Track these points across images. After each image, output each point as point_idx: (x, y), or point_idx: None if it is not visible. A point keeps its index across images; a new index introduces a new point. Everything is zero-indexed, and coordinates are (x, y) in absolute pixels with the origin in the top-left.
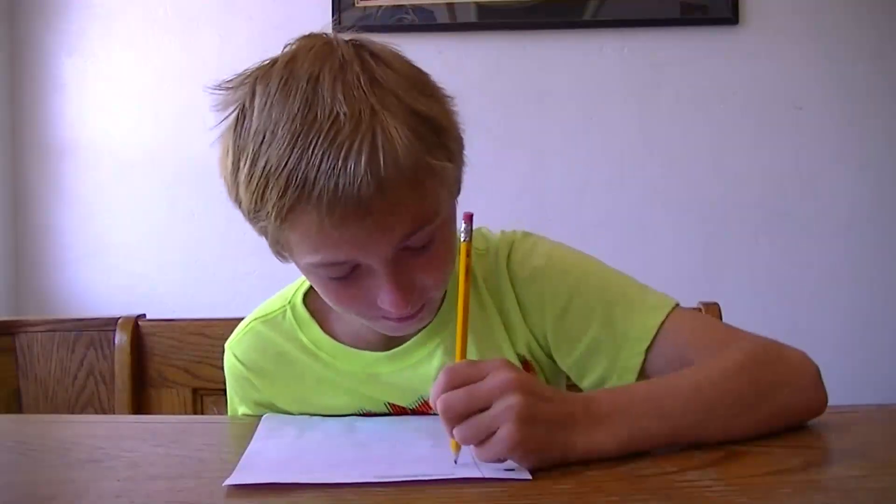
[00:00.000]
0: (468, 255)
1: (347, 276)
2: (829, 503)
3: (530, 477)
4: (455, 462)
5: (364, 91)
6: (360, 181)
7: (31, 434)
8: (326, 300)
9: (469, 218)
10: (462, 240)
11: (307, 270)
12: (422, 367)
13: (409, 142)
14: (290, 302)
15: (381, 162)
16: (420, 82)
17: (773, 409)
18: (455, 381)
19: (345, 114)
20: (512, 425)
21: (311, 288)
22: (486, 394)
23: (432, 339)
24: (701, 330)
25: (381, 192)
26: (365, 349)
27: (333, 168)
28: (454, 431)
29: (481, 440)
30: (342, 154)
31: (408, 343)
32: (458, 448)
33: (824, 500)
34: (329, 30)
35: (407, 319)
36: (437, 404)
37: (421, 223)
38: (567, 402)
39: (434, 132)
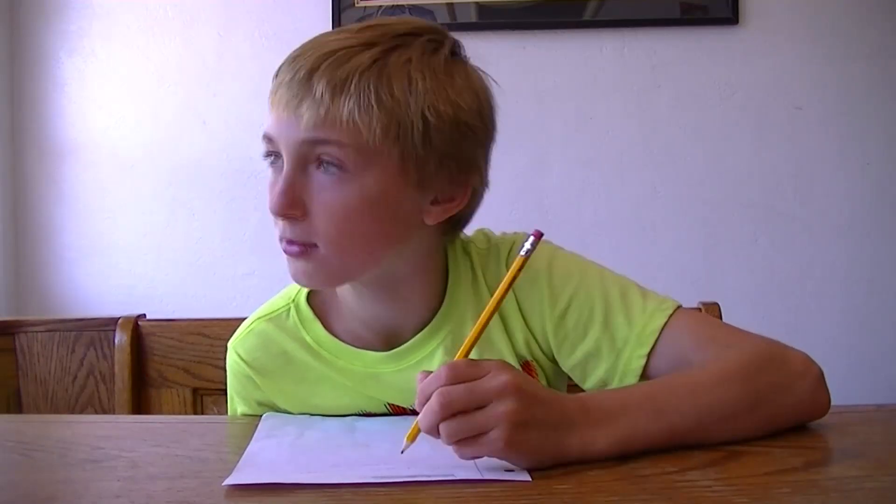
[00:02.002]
0: (520, 269)
1: (273, 162)
2: (828, 503)
3: (530, 478)
4: (402, 452)
5: (424, 61)
6: (313, 62)
7: (31, 434)
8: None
9: (539, 236)
10: (521, 253)
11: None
12: (423, 367)
13: (392, 90)
14: (293, 300)
15: (351, 67)
16: (464, 92)
17: (774, 412)
18: (457, 377)
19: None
20: (505, 428)
21: None
22: (485, 393)
23: (433, 338)
24: (703, 332)
25: (311, 80)
26: (364, 349)
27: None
28: (442, 425)
29: (467, 438)
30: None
31: (409, 343)
32: (412, 438)
33: (824, 500)
34: (329, 29)
35: (289, 251)
36: (437, 395)
37: (327, 134)
38: (563, 403)
39: (428, 121)
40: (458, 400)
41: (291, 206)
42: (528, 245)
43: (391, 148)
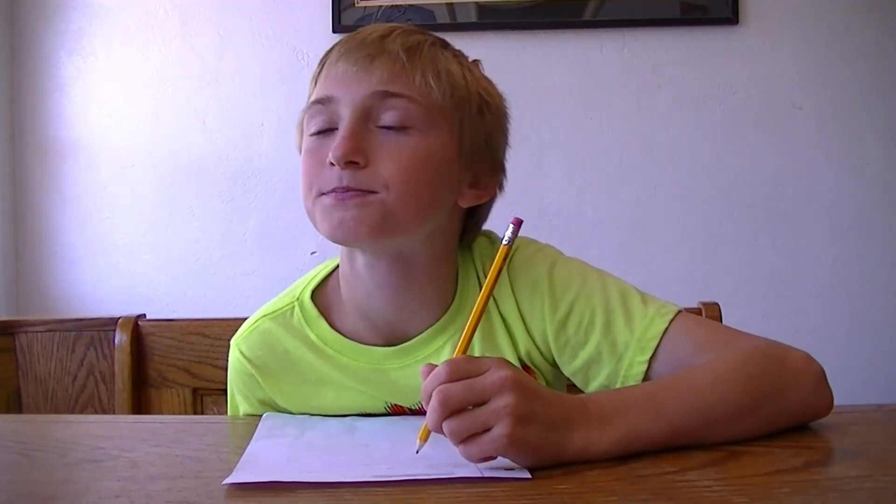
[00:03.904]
0: (504, 258)
1: (322, 134)
2: (828, 503)
3: (530, 476)
4: (416, 452)
5: (467, 62)
6: (384, 30)
7: (31, 434)
8: (303, 177)
9: (518, 223)
10: (503, 243)
11: (304, 145)
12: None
13: (452, 67)
14: (298, 298)
15: (412, 38)
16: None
17: (776, 412)
18: (455, 374)
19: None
20: (507, 423)
21: (319, 284)
22: (484, 389)
23: (441, 335)
24: (704, 336)
25: (384, 41)
26: (369, 345)
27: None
28: (444, 424)
29: (470, 436)
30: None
31: (416, 339)
32: (425, 438)
33: (824, 500)
34: (329, 29)
35: (342, 198)
36: (435, 394)
37: (400, 88)
38: (564, 402)
39: (477, 98)
40: (456, 397)
41: (355, 152)
42: (508, 233)
43: (454, 112)
